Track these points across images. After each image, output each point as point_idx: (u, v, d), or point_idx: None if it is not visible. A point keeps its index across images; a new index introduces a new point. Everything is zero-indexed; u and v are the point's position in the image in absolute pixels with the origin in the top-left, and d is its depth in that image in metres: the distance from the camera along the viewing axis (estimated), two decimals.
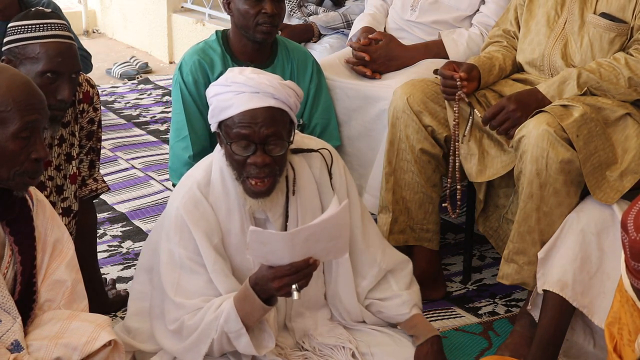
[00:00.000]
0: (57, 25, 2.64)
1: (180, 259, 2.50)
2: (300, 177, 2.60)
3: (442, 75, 2.99)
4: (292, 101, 2.46)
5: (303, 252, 2.29)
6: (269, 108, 2.42)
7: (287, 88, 2.46)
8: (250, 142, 2.42)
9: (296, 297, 2.33)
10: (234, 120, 2.42)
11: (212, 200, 2.53)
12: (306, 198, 2.59)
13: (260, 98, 2.42)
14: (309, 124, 3.22)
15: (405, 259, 2.80)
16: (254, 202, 2.49)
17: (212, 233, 2.50)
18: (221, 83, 2.48)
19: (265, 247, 2.28)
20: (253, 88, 2.42)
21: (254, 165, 2.42)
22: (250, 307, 2.37)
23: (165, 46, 7.01)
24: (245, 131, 2.41)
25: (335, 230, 2.30)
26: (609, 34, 2.91)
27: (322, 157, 2.64)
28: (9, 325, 2.10)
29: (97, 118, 2.94)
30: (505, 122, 2.86)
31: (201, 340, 2.44)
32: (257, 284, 2.36)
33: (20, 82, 2.08)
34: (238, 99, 2.42)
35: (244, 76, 2.45)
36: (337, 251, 2.37)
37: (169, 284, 2.50)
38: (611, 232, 2.69)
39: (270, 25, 3.06)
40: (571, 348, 2.84)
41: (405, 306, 2.69)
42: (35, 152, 2.07)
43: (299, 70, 3.21)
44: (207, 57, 3.12)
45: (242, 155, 2.43)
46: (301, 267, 2.30)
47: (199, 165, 2.63)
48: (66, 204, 2.88)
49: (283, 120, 2.45)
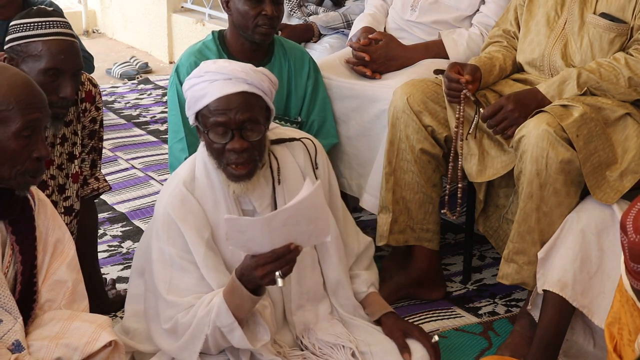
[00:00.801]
0: (59, 23, 2.65)
1: (170, 257, 2.51)
2: (285, 166, 2.63)
3: (447, 78, 2.98)
4: (265, 86, 2.49)
5: (283, 237, 2.29)
6: (242, 93, 2.44)
7: (259, 74, 2.49)
8: (227, 128, 2.44)
9: (280, 284, 2.33)
10: (210, 108, 2.44)
11: (198, 194, 2.55)
12: (292, 187, 2.60)
13: (234, 84, 2.44)
14: (306, 122, 3.23)
15: (369, 242, 2.85)
16: (236, 187, 2.50)
17: (202, 228, 2.52)
18: (195, 75, 2.51)
19: (244, 235, 2.29)
20: (225, 75, 2.45)
21: (232, 151, 2.45)
22: (239, 299, 2.38)
23: (165, 46, 7.01)
24: (221, 118, 2.43)
25: (312, 212, 2.29)
26: (609, 34, 2.91)
27: (305, 146, 2.68)
28: (10, 325, 2.10)
29: (99, 117, 2.94)
30: (503, 122, 2.86)
31: (195, 337, 2.45)
32: (243, 274, 2.37)
33: (21, 81, 2.08)
34: (212, 87, 2.45)
35: (216, 65, 2.49)
36: (318, 234, 2.36)
37: (162, 283, 2.51)
38: (611, 232, 2.69)
39: (269, 27, 3.07)
40: (571, 348, 2.84)
41: (363, 285, 2.74)
42: (37, 151, 2.08)
43: (295, 68, 3.21)
44: (203, 57, 3.12)
45: (220, 142, 2.45)
46: (283, 253, 2.31)
47: (183, 164, 2.65)
48: (68, 203, 2.88)
49: (258, 105, 2.47)
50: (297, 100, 3.23)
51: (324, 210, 2.37)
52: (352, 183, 3.38)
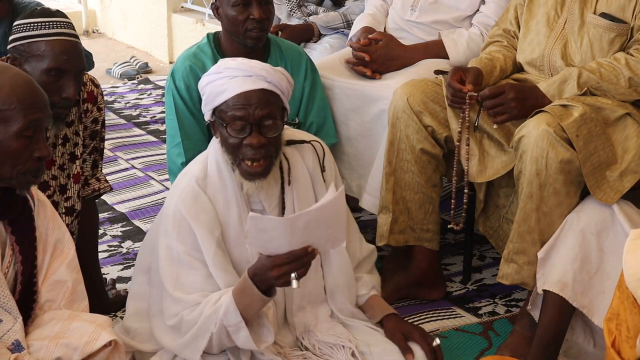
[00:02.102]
0: (62, 23, 2.65)
1: (178, 254, 2.51)
2: (295, 167, 2.64)
3: (451, 87, 2.98)
4: (284, 85, 2.51)
5: (302, 239, 2.30)
6: (262, 90, 2.47)
7: (278, 73, 2.51)
8: (246, 123, 2.45)
9: (295, 286, 2.33)
10: (228, 104, 2.46)
11: (210, 192, 2.55)
12: (301, 188, 2.62)
13: (254, 81, 2.46)
14: (304, 123, 3.23)
15: (373, 249, 2.86)
16: (250, 185, 2.51)
17: (213, 226, 2.52)
18: (214, 71, 2.53)
19: (265, 234, 2.29)
20: (246, 72, 2.47)
21: (249, 146, 2.46)
22: (249, 299, 2.38)
23: (165, 46, 7.01)
24: (240, 113, 2.45)
25: (333, 217, 2.31)
26: (609, 34, 2.91)
27: (314, 148, 2.69)
28: (10, 325, 2.10)
29: (101, 118, 2.94)
30: (498, 106, 2.86)
31: (200, 334, 2.44)
32: (256, 274, 2.37)
33: (23, 81, 2.08)
34: (231, 83, 2.46)
35: (236, 62, 2.51)
36: (334, 240, 2.37)
37: (168, 279, 2.51)
38: (611, 232, 2.69)
39: (259, 30, 3.06)
40: (571, 348, 2.84)
41: (364, 287, 2.74)
42: (38, 150, 2.08)
43: (292, 69, 3.21)
44: (199, 61, 3.11)
45: (238, 137, 2.46)
46: (300, 255, 2.31)
47: (195, 161, 2.65)
48: (69, 204, 2.88)
49: (277, 102, 2.50)
50: (294, 101, 3.22)
51: (343, 217, 2.38)
52: (352, 183, 3.38)
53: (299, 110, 3.22)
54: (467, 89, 2.93)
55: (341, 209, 2.34)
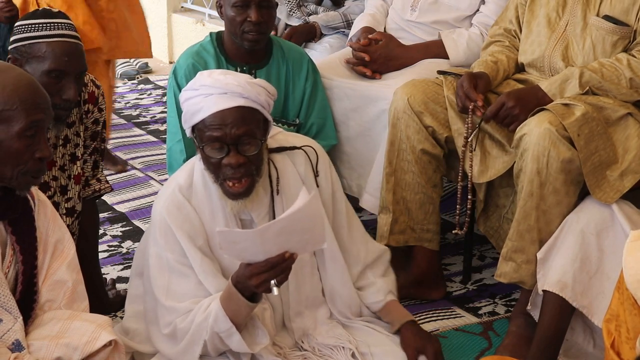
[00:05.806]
0: (64, 24, 2.65)
1: (168, 262, 2.50)
2: (284, 175, 2.60)
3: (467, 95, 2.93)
4: (262, 99, 2.45)
5: (277, 247, 2.28)
6: (238, 108, 2.41)
7: (256, 86, 2.45)
8: (223, 143, 2.41)
9: (276, 293, 2.32)
10: (205, 123, 2.41)
11: (195, 203, 2.53)
12: (292, 196, 2.56)
13: (229, 98, 2.41)
14: (305, 124, 3.23)
15: (384, 250, 2.82)
16: (234, 204, 2.48)
17: (195, 235, 2.51)
18: (190, 87, 2.48)
19: (237, 245, 2.28)
20: (220, 89, 2.41)
21: (228, 166, 2.42)
22: (236, 306, 2.38)
23: (165, 46, 7.00)
24: (217, 133, 2.40)
25: (308, 222, 2.28)
26: (612, 36, 2.91)
27: (306, 154, 2.65)
28: (10, 325, 2.10)
29: (102, 119, 2.94)
30: (505, 119, 2.86)
31: (194, 342, 2.44)
32: (239, 282, 2.36)
33: (25, 81, 2.08)
34: (207, 101, 2.41)
35: (211, 78, 2.45)
36: (314, 242, 2.35)
37: (160, 289, 2.50)
38: (611, 232, 2.69)
39: (256, 33, 3.05)
40: (571, 348, 2.84)
41: (380, 293, 2.70)
42: (40, 151, 2.08)
43: (294, 70, 3.21)
44: (201, 60, 3.11)
45: (216, 157, 2.43)
46: (277, 262, 2.29)
47: (182, 168, 2.63)
48: (70, 205, 2.88)
49: (255, 118, 2.44)
50: (295, 102, 3.22)
51: (320, 219, 2.35)
52: (352, 183, 3.38)
53: (299, 111, 3.22)
54: (480, 102, 2.91)
55: (316, 213, 2.30)
